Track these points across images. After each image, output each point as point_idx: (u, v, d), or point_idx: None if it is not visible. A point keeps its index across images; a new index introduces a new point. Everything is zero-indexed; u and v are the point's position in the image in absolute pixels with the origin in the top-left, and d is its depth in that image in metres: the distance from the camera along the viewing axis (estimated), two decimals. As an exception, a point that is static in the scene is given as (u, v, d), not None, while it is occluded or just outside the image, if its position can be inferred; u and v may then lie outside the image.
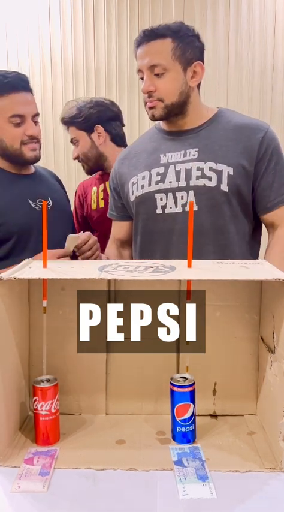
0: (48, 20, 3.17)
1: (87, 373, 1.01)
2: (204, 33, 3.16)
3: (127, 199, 1.41)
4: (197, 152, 1.30)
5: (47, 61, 3.20)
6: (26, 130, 1.35)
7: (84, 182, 1.91)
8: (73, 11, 3.17)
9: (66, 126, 1.79)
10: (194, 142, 1.32)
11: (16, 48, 3.18)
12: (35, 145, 1.38)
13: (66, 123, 1.78)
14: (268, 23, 3.19)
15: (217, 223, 1.29)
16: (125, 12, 3.17)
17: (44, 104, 3.19)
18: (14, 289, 0.92)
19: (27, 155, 1.37)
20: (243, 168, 1.28)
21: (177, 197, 1.29)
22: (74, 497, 0.74)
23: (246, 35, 3.19)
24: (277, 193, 1.31)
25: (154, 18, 3.16)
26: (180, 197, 1.29)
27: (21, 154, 1.37)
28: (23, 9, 3.15)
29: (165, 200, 1.30)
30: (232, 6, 3.17)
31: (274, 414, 0.85)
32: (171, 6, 3.15)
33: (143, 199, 1.33)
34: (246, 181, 1.29)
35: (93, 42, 3.21)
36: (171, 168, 1.31)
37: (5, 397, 0.86)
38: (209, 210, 1.28)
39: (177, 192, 1.29)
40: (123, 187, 1.42)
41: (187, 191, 1.28)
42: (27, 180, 1.43)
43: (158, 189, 1.31)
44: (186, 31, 1.30)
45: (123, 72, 3.22)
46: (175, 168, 1.30)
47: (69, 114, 1.75)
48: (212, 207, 1.28)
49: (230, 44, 3.18)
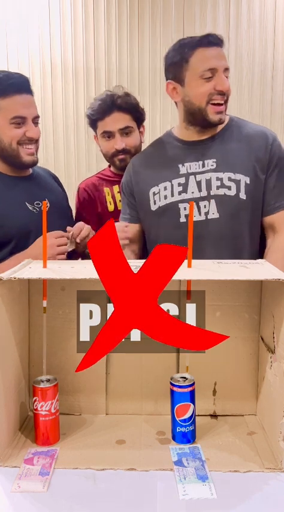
0: (48, 20, 3.17)
1: (87, 373, 1.00)
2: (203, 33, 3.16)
3: (146, 207, 1.46)
4: (215, 163, 1.38)
5: (47, 61, 3.19)
6: (26, 131, 1.34)
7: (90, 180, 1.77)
8: (73, 11, 3.17)
9: (122, 111, 1.59)
10: (211, 153, 1.39)
11: (16, 48, 3.18)
12: (32, 148, 1.38)
13: (123, 109, 1.59)
14: (268, 23, 3.19)
15: (235, 228, 1.37)
16: (125, 12, 3.17)
17: (44, 103, 3.19)
18: (14, 289, 0.92)
19: (24, 158, 1.37)
20: (257, 176, 1.37)
21: (200, 206, 1.37)
22: (74, 497, 0.74)
23: (246, 35, 3.19)
24: (277, 198, 1.38)
25: (154, 18, 3.17)
26: (203, 206, 1.37)
27: (19, 156, 1.36)
28: (23, 9, 3.15)
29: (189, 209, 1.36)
30: (232, 6, 3.17)
31: (274, 414, 0.85)
32: (171, 6, 3.15)
33: (167, 208, 1.40)
34: (259, 189, 1.38)
35: (93, 42, 3.20)
36: (191, 178, 1.38)
37: (5, 397, 0.86)
38: (229, 216, 1.36)
39: (199, 202, 1.37)
40: (142, 194, 1.47)
41: (209, 200, 1.36)
42: (24, 182, 1.43)
43: (181, 199, 1.38)
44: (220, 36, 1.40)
45: (123, 72, 3.22)
46: (196, 178, 1.38)
47: (128, 101, 1.60)
48: (231, 214, 1.36)
49: (230, 44, 3.18)
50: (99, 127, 1.62)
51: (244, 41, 3.20)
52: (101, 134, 1.62)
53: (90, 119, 1.63)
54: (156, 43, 3.20)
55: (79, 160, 3.27)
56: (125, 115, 1.58)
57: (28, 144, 1.36)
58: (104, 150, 1.64)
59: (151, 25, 3.18)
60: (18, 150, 1.35)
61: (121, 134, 1.58)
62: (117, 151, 1.59)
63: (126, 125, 1.58)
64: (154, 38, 3.19)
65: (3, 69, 3.13)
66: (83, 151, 3.27)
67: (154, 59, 3.21)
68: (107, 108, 1.57)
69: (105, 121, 1.58)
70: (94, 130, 1.66)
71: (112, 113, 1.57)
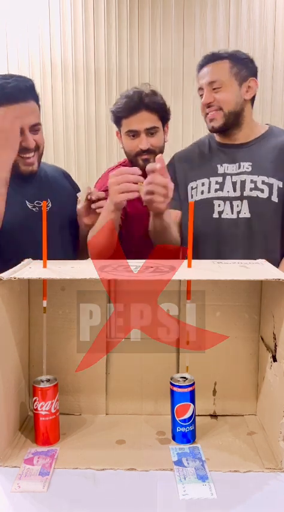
0: (48, 20, 3.17)
1: (87, 373, 1.01)
2: (203, 33, 3.17)
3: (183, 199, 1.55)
4: (250, 166, 1.47)
5: (47, 61, 3.20)
6: (21, 141, 1.26)
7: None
8: (73, 11, 3.17)
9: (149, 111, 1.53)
10: (247, 156, 1.48)
11: (16, 48, 3.18)
12: (31, 158, 1.31)
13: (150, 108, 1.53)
14: (268, 23, 3.19)
15: (265, 229, 1.44)
16: (125, 12, 3.17)
17: (44, 103, 3.19)
18: (14, 289, 0.92)
19: (22, 168, 1.32)
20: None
21: (233, 205, 1.46)
22: (74, 497, 0.74)
23: (246, 35, 3.19)
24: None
25: (154, 18, 3.17)
26: (235, 205, 1.46)
27: (17, 167, 1.29)
28: (23, 10, 3.15)
29: (223, 207, 1.47)
30: (232, 6, 3.17)
31: (274, 414, 0.85)
32: (171, 6, 3.16)
33: (202, 203, 1.48)
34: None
35: (93, 42, 3.21)
36: (227, 178, 1.48)
37: (5, 397, 0.86)
38: (259, 218, 1.44)
39: (233, 201, 1.46)
40: (178, 185, 1.54)
41: (242, 200, 1.44)
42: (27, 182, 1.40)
43: (217, 196, 1.48)
44: (242, 55, 1.50)
45: (123, 72, 3.23)
46: (232, 179, 1.47)
47: (155, 100, 1.54)
48: (262, 215, 1.43)
49: (230, 44, 3.18)
50: (123, 125, 1.56)
51: (244, 41, 3.20)
52: (126, 133, 1.55)
53: (115, 116, 1.58)
54: (156, 43, 3.20)
55: (80, 160, 3.28)
56: (152, 115, 1.52)
57: (26, 153, 1.30)
58: (127, 148, 1.58)
59: (151, 25, 3.18)
60: (16, 161, 1.27)
61: (146, 134, 1.52)
62: (142, 151, 1.52)
63: (152, 125, 1.52)
64: (154, 38, 3.19)
65: (3, 68, 3.15)
66: (83, 151, 3.28)
67: (154, 59, 3.21)
68: (134, 106, 1.51)
69: (131, 119, 1.52)
70: (118, 127, 1.59)
71: (139, 111, 1.51)
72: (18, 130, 1.24)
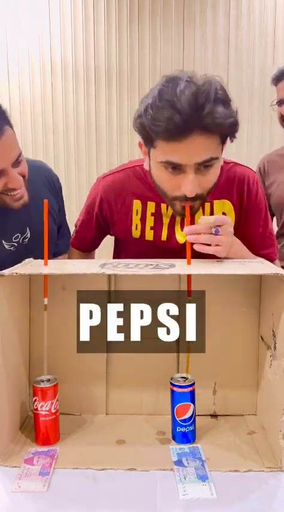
0: (48, 20, 3.17)
1: (87, 373, 1.01)
2: (204, 33, 3.17)
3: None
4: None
5: (47, 61, 3.19)
6: (6, 183, 1.08)
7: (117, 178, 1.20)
8: (73, 11, 3.17)
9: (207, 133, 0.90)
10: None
11: (16, 48, 3.18)
12: (19, 192, 1.12)
13: (211, 130, 0.90)
14: (268, 23, 3.19)
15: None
16: (125, 12, 3.17)
17: (44, 103, 3.19)
18: (15, 288, 0.92)
19: (12, 205, 1.14)
20: None
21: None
22: (74, 497, 0.74)
23: (246, 35, 3.19)
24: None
25: (154, 18, 3.16)
26: None
27: (5, 204, 1.13)
28: (23, 9, 3.14)
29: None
30: (232, 6, 3.17)
31: (274, 413, 0.85)
32: (171, 6, 3.15)
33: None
34: None
35: (93, 42, 3.20)
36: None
37: (5, 397, 0.86)
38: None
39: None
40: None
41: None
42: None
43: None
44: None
45: (123, 72, 3.22)
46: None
47: (223, 115, 0.89)
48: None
49: (230, 44, 3.18)
50: (158, 148, 0.94)
51: (244, 41, 3.20)
52: (162, 162, 0.95)
53: (143, 131, 0.95)
54: (156, 43, 3.20)
55: (80, 159, 3.27)
56: (211, 138, 0.92)
57: (13, 191, 1.11)
58: (161, 184, 1.00)
59: (151, 25, 3.18)
60: (3, 199, 1.11)
61: (196, 170, 0.94)
62: (185, 197, 0.96)
63: (209, 156, 0.93)
64: (154, 38, 3.19)
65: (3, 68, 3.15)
66: (83, 151, 3.27)
67: (154, 58, 3.21)
68: (183, 126, 0.88)
69: (173, 146, 0.91)
70: (147, 145, 0.99)
71: (190, 134, 0.89)
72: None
